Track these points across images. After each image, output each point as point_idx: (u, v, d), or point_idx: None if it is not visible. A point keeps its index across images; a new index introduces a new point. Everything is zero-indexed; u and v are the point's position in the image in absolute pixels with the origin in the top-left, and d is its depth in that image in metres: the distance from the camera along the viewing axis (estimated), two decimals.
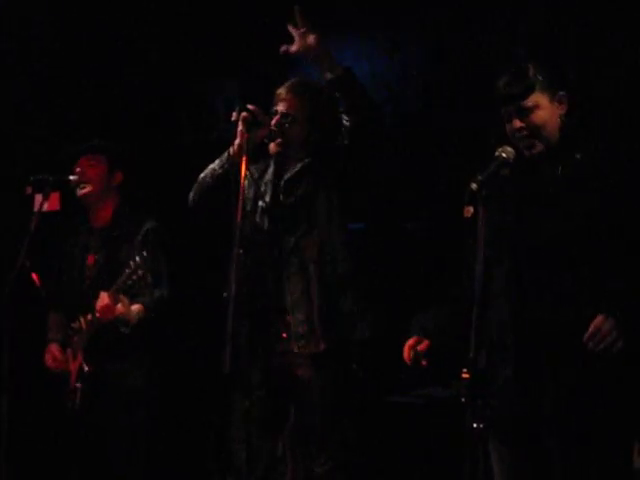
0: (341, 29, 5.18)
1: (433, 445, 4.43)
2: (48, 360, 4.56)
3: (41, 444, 4.99)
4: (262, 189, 3.78)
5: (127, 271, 4.16)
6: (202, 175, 3.82)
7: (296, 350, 3.61)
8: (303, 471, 3.64)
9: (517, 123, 3.16)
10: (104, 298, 4.24)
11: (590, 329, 2.98)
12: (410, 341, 3.36)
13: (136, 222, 4.55)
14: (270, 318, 3.65)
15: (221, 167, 3.73)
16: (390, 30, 5.08)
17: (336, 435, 3.62)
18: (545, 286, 3.09)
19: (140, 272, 4.14)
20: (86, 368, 4.39)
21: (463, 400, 2.90)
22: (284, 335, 3.62)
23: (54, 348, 4.56)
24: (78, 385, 4.40)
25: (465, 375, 2.86)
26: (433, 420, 4.45)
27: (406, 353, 3.36)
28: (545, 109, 3.16)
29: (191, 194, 3.87)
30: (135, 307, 4.32)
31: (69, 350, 4.51)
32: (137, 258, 4.15)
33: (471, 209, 2.91)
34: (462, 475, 2.90)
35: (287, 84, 3.79)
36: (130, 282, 4.16)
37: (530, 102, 3.14)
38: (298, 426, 3.64)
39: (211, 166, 3.79)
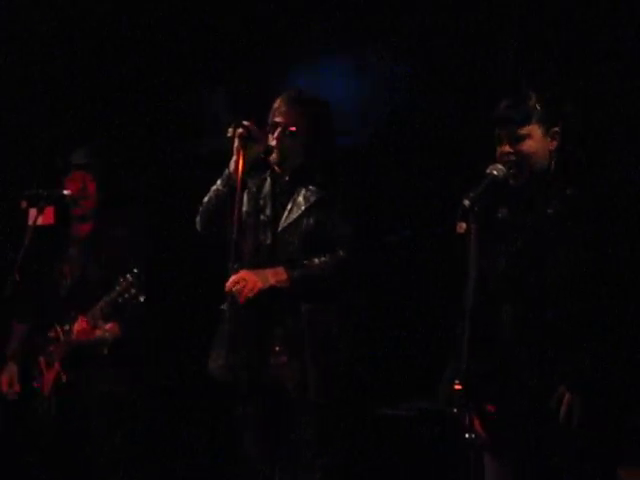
0: (317, 50, 5.24)
1: (421, 456, 4.47)
2: (3, 383, 4.52)
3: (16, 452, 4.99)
4: (261, 203, 3.76)
5: (118, 288, 4.19)
6: (205, 199, 3.75)
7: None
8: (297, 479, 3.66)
9: (507, 148, 3.17)
10: (82, 322, 4.30)
11: (562, 413, 3.08)
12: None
13: (117, 229, 4.55)
14: (262, 331, 3.66)
15: (224, 186, 3.68)
16: (364, 50, 5.12)
17: (329, 443, 3.64)
18: (549, 326, 3.13)
19: (133, 291, 4.17)
20: (64, 378, 4.40)
21: (455, 411, 2.96)
22: (277, 348, 3.63)
23: (13, 371, 4.54)
24: (52, 395, 4.41)
25: (458, 386, 2.89)
26: (421, 432, 4.49)
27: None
28: (537, 141, 3.17)
29: (198, 220, 3.79)
30: (109, 326, 4.34)
31: (42, 359, 4.49)
32: (128, 276, 4.19)
33: (464, 225, 2.93)
34: None
35: (286, 95, 3.72)
36: (121, 300, 4.20)
37: (524, 130, 3.15)
38: (292, 436, 3.65)
39: (213, 188, 3.73)
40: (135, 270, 4.20)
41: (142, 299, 4.20)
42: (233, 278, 3.57)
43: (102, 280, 4.38)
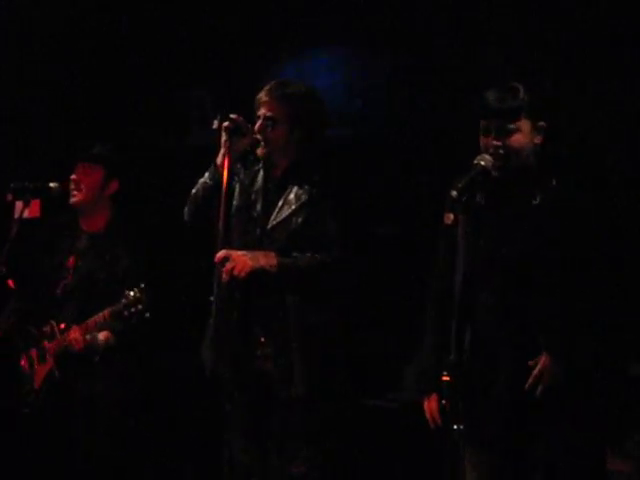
0: (316, 41, 5.25)
1: (408, 447, 4.49)
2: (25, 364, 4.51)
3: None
4: (252, 197, 3.75)
5: (124, 301, 4.15)
6: (193, 191, 3.76)
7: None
8: (281, 472, 3.66)
9: (494, 141, 3.18)
10: (75, 331, 4.29)
11: (532, 378, 3.12)
12: (432, 405, 3.34)
13: (129, 233, 4.54)
14: (250, 323, 3.66)
15: (211, 179, 3.69)
16: (362, 39, 5.12)
17: (313, 437, 3.65)
18: (526, 309, 3.16)
19: (140, 307, 4.13)
20: (57, 374, 4.40)
21: (443, 402, 2.98)
22: (262, 339, 3.64)
23: (33, 353, 4.50)
24: (42, 390, 4.42)
25: (445, 378, 2.92)
26: (408, 423, 4.50)
27: (436, 418, 3.33)
28: (525, 135, 3.19)
29: (185, 211, 3.81)
30: (103, 334, 4.33)
31: (34, 351, 4.49)
32: (136, 289, 4.14)
33: (451, 216, 2.95)
34: (438, 477, 2.96)
35: (267, 87, 3.71)
36: (127, 313, 4.14)
37: (514, 125, 3.17)
38: (278, 428, 3.67)
39: (201, 180, 3.74)
40: (142, 285, 4.15)
41: (147, 315, 4.14)
42: (223, 252, 3.56)
43: (106, 279, 4.37)
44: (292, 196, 3.68)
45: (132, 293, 4.14)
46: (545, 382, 3.11)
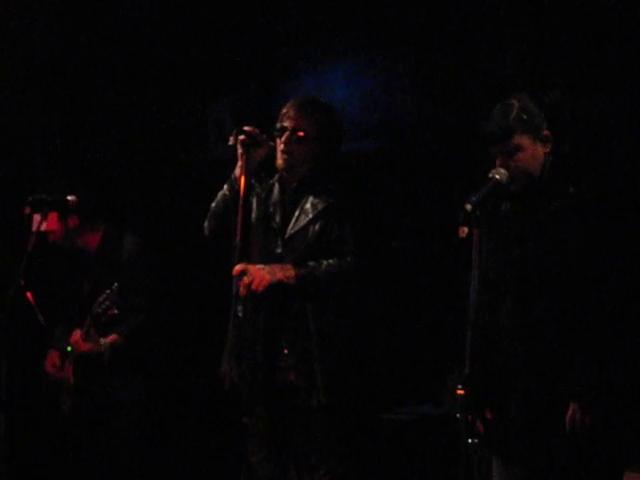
0: (332, 51, 5.26)
1: (424, 460, 4.48)
2: (48, 365, 4.60)
3: (36, 450, 5.02)
4: (271, 209, 3.77)
5: (100, 299, 4.29)
6: (213, 204, 3.79)
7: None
8: None
9: (500, 162, 3.20)
10: (76, 334, 4.41)
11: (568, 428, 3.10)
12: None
13: (123, 244, 4.56)
14: (272, 335, 3.67)
15: (230, 190, 3.72)
16: (380, 51, 5.13)
17: (335, 448, 3.65)
18: (547, 319, 3.15)
19: (107, 303, 4.26)
20: (71, 381, 4.47)
21: (458, 416, 2.97)
22: (285, 351, 3.65)
23: (55, 355, 4.60)
24: (67, 396, 4.49)
25: (460, 391, 2.92)
26: (424, 436, 4.49)
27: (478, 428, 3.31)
28: (527, 150, 3.20)
29: (206, 224, 3.84)
30: (109, 338, 4.40)
31: (67, 361, 4.55)
32: (108, 290, 4.27)
33: (466, 229, 2.96)
34: None
35: (293, 101, 3.75)
36: (100, 310, 4.29)
37: (511, 145, 3.18)
38: (298, 440, 3.67)
39: (220, 193, 3.77)
40: (115, 285, 4.26)
41: (116, 312, 4.27)
42: (240, 267, 3.58)
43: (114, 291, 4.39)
44: (308, 205, 3.70)
45: (104, 293, 4.29)
46: (581, 430, 3.11)
